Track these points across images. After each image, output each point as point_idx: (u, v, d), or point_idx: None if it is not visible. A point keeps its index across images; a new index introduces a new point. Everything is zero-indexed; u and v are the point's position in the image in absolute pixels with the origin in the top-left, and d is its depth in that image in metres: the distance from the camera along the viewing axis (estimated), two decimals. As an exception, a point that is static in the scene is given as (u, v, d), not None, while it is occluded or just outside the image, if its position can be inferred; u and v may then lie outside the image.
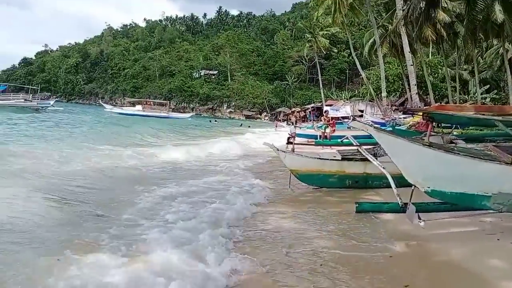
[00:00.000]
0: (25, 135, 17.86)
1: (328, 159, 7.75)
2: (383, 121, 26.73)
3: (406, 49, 23.20)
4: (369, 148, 7.99)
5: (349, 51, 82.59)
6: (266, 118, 79.93)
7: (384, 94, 32.92)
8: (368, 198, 7.09)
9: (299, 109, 66.04)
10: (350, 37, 43.81)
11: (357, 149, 7.72)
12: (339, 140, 10.10)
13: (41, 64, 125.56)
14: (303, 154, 8.23)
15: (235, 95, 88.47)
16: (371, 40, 35.51)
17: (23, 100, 40.25)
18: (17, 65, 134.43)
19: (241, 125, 46.78)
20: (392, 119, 26.70)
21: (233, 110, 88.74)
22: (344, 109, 24.05)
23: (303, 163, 7.56)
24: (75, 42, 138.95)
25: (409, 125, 18.07)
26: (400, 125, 24.46)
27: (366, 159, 6.95)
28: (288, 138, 10.31)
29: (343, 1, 32.54)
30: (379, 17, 34.82)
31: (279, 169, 10.10)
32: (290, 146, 9.52)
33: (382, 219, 5.75)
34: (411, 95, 41.64)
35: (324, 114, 19.25)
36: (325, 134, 17.45)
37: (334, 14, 33.53)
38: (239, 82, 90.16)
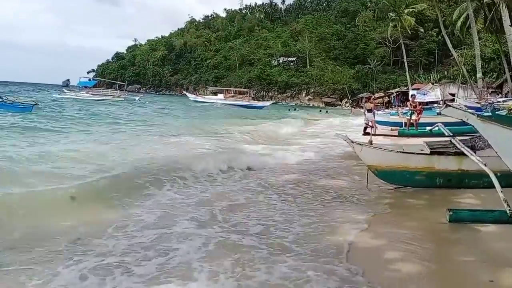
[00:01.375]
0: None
1: (414, 153, 6.60)
2: (478, 105, 24.06)
3: (507, 22, 20.29)
4: (465, 139, 6.88)
5: (437, 29, 76.43)
6: (347, 104, 77.17)
7: (479, 75, 29.52)
8: (464, 202, 5.92)
9: (382, 94, 62.74)
10: (439, 12, 39.87)
11: (450, 141, 6.53)
12: (427, 129, 8.49)
13: (132, 58, 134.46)
14: (383, 147, 7.13)
15: (314, 81, 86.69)
16: (464, 15, 31.98)
17: (111, 96, 43.80)
18: (111, 59, 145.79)
19: (320, 111, 46.81)
20: (489, 103, 23.91)
21: (312, 97, 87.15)
22: (433, 93, 21.71)
23: (383, 157, 6.51)
24: (161, 36, 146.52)
25: (511, 110, 15.81)
26: (498, 110, 21.80)
27: (461, 153, 5.98)
28: (365, 128, 8.62)
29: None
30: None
31: (355, 164, 9.05)
32: (368, 137, 8.09)
33: (485, 232, 4.48)
34: (511, 76, 37.15)
35: (410, 99, 17.23)
36: (411, 121, 15.81)
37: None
38: (318, 67, 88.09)
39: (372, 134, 7.55)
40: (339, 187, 7.36)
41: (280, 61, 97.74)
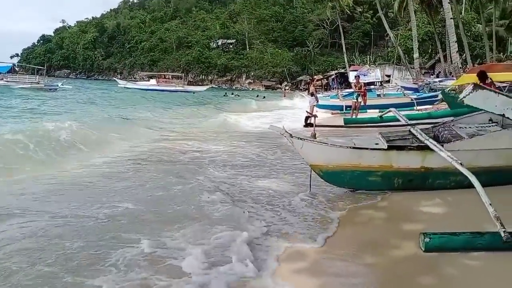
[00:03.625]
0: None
1: (367, 148, 5.13)
2: (415, 86, 24.12)
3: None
4: (427, 129, 5.64)
5: (372, 11, 78.39)
6: (287, 87, 77.03)
7: (416, 55, 29.83)
8: (433, 212, 4.59)
9: (321, 77, 63.05)
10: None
11: (409, 130, 5.39)
12: (377, 115, 6.95)
13: (59, 41, 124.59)
14: (329, 141, 5.51)
15: (254, 64, 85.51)
16: (400, -5, 32.10)
17: (29, 83, 38.93)
18: (36, 43, 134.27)
19: (257, 96, 44.59)
20: (426, 84, 24.04)
21: (252, 81, 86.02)
22: (373, 74, 21.30)
23: (329, 154, 5.12)
24: (92, 17, 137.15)
25: (451, 89, 15.53)
26: (435, 90, 21.86)
27: (425, 147, 4.82)
28: (307, 118, 6.40)
29: None
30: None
31: (295, 162, 7.47)
32: (311, 129, 5.96)
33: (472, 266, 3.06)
34: (445, 56, 38.30)
35: (355, 80, 16.23)
36: (356, 104, 14.89)
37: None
38: (258, 50, 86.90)
39: (316, 125, 5.32)
40: (272, 190, 5.87)
41: (219, 44, 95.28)
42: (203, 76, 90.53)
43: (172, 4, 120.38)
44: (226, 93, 48.49)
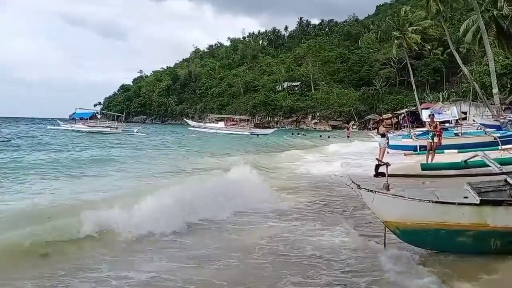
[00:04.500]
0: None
1: (454, 203, 4.23)
2: (497, 123, 22.16)
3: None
4: None
5: (442, 48, 75.54)
6: (354, 127, 75.42)
7: (495, 90, 27.57)
8: None
9: (390, 115, 61.00)
10: (446, 28, 38.41)
11: (505, 180, 4.53)
12: (460, 160, 5.96)
13: (137, 89, 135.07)
14: (407, 192, 4.59)
15: (319, 105, 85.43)
16: (474, 27, 30.47)
17: (108, 128, 42.30)
18: (117, 92, 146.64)
19: (320, 136, 43.94)
20: (509, 121, 22.02)
21: (318, 121, 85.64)
22: (449, 111, 19.80)
23: (408, 209, 4.30)
24: (167, 66, 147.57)
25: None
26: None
27: None
28: (377, 166, 5.41)
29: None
30: (481, 0, 29.79)
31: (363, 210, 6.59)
32: (383, 179, 4.74)
33: None
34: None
35: (429, 119, 15.06)
36: (432, 144, 13.72)
37: (428, 2, 29.26)
38: (323, 91, 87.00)
39: (389, 174, 4.33)
40: (333, 249, 5.02)
41: (285, 86, 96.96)
42: (269, 118, 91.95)
43: (240, 51, 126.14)
44: (292, 132, 48.60)
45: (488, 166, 4.98)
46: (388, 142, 15.09)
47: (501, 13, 27.82)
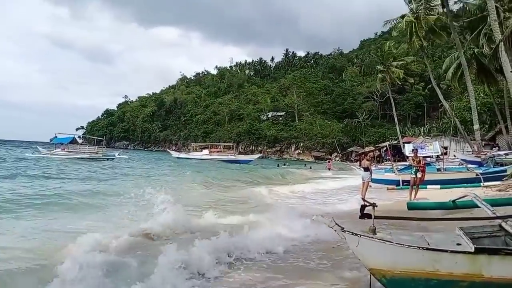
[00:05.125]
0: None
1: (447, 251, 3.81)
2: (478, 159, 22.35)
3: (507, 68, 18.95)
4: None
5: (423, 83, 77.74)
6: (337, 158, 75.88)
7: (476, 126, 27.95)
8: None
9: (372, 148, 61.60)
10: (429, 64, 39.46)
11: (500, 225, 4.20)
12: (449, 200, 5.26)
13: (121, 114, 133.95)
14: (394, 238, 4.07)
15: (303, 135, 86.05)
16: (455, 64, 31.32)
17: (88, 153, 40.95)
18: (100, 116, 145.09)
19: (305, 165, 45.42)
20: (490, 157, 22.23)
21: (301, 151, 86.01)
22: (431, 147, 19.86)
23: (395, 256, 3.88)
24: (152, 92, 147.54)
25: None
26: (501, 164, 20.06)
27: None
28: (363, 207, 4.51)
29: (421, 20, 29.11)
30: (462, 39, 30.84)
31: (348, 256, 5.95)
32: (370, 221, 4.23)
33: None
34: (506, 127, 36.07)
35: (412, 154, 15.07)
36: (415, 180, 13.58)
37: (411, 38, 30.05)
38: (307, 122, 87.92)
39: (376, 217, 4.17)
40: None
41: (269, 116, 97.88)
42: (253, 147, 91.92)
43: (226, 80, 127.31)
44: (278, 164, 48.69)
45: (479, 207, 4.60)
46: (371, 176, 14.86)
47: (482, 51, 28.71)
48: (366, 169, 14.61)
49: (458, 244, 3.95)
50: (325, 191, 18.85)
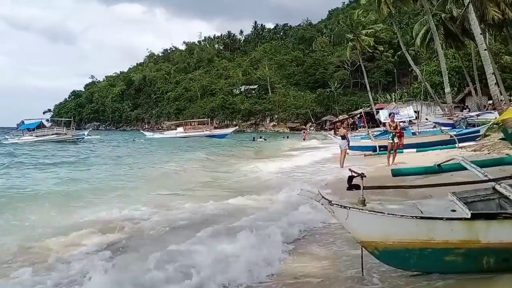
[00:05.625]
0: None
1: (441, 218, 3.61)
2: (450, 121, 22.80)
3: (477, 30, 18.98)
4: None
5: (392, 51, 78.40)
6: (312, 128, 76.41)
7: (447, 89, 28.42)
8: None
9: (346, 116, 62.24)
10: (398, 30, 39.56)
11: (493, 188, 4.03)
12: (433, 164, 4.99)
13: (89, 95, 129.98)
14: (385, 209, 3.83)
15: (277, 107, 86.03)
16: (423, 31, 31.50)
17: (56, 134, 39.71)
18: (68, 98, 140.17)
19: (283, 138, 44.90)
20: (462, 119, 22.72)
21: (276, 123, 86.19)
22: (406, 111, 20.02)
23: (387, 227, 3.69)
24: (120, 71, 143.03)
25: (494, 124, 14.23)
26: (474, 125, 20.51)
27: None
28: (351, 178, 3.98)
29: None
30: (429, 4, 30.91)
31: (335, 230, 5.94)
32: (359, 191, 3.92)
33: None
34: (474, 89, 36.99)
35: (390, 118, 15.03)
36: (393, 145, 13.56)
37: (379, 5, 29.86)
38: (280, 94, 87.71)
39: (364, 187, 3.82)
40: (309, 276, 4.33)
41: (242, 90, 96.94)
42: (228, 122, 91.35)
43: (195, 55, 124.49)
44: (254, 137, 47.67)
45: (466, 170, 4.41)
46: (349, 144, 14.85)
47: (449, 16, 28.85)
48: (343, 137, 14.59)
49: (453, 211, 3.78)
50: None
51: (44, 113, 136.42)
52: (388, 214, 3.67)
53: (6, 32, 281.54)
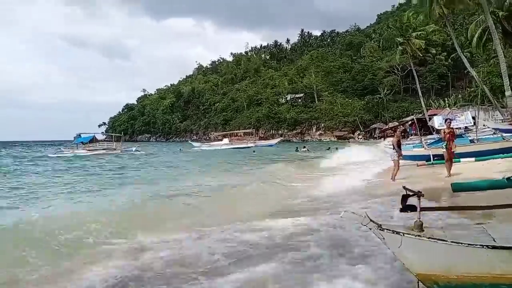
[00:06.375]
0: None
1: None
2: (511, 127, 20.99)
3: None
4: None
5: (445, 53, 74.67)
6: (360, 136, 74.30)
7: (508, 92, 26.24)
8: None
9: (396, 123, 59.95)
10: (452, 31, 37.38)
11: None
12: (501, 177, 4.26)
13: (141, 108, 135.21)
14: (446, 233, 3.15)
15: (323, 116, 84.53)
16: (480, 30, 29.56)
17: (105, 149, 42.20)
18: (121, 111, 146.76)
19: (328, 149, 41.59)
20: (526, 124, 20.84)
21: (323, 132, 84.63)
22: (463, 117, 18.47)
23: (451, 257, 2.99)
24: (170, 84, 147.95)
25: None
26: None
27: None
28: (405, 197, 3.21)
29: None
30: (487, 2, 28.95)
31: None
32: (415, 215, 3.17)
33: None
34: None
35: (446, 125, 13.47)
36: (450, 155, 12.26)
37: (431, 6, 28.37)
38: (327, 102, 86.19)
39: (422, 208, 3.17)
40: None
41: (288, 99, 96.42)
42: (273, 131, 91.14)
43: (242, 65, 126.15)
44: (297, 147, 46.62)
45: None
46: (401, 155, 13.46)
47: (507, 14, 26.86)
48: (397, 145, 13.38)
49: None
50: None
51: (99, 126, 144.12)
52: (451, 241, 2.98)
53: (66, 50, 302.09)
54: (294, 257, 5.24)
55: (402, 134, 47.85)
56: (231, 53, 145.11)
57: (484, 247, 2.90)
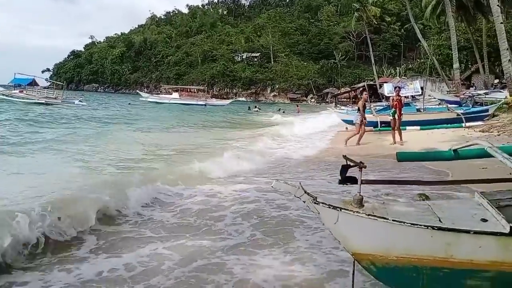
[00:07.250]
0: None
1: (468, 231, 2.48)
2: (457, 99, 21.79)
3: (494, 1, 17.58)
4: None
5: (399, 23, 75.97)
6: (313, 100, 75.20)
7: (456, 65, 27.13)
8: None
9: (348, 89, 61.05)
10: (408, 0, 37.72)
11: None
12: (448, 148, 3.64)
13: (89, 56, 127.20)
14: (390, 210, 2.71)
15: (279, 77, 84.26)
16: (434, 2, 29.92)
17: (46, 98, 37.68)
18: (67, 58, 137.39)
19: (279, 110, 42.19)
20: (469, 97, 21.71)
21: (277, 94, 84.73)
22: (412, 86, 18.81)
23: (391, 237, 2.63)
24: (121, 33, 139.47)
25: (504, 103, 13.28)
26: (481, 103, 19.57)
27: None
28: (345, 167, 2.78)
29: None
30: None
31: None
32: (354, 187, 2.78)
33: None
34: (482, 66, 35.64)
35: (394, 92, 13.74)
36: (396, 122, 12.35)
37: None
38: (283, 63, 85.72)
39: (363, 181, 2.73)
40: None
41: (244, 57, 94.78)
42: (228, 90, 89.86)
43: (198, 19, 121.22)
44: (249, 106, 47.02)
45: (487, 155, 3.18)
46: (364, 119, 13.05)
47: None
48: (361, 108, 12.90)
49: (484, 220, 2.65)
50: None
51: (43, 72, 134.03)
52: (393, 220, 2.61)
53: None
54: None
55: (353, 100, 48.85)
56: (187, 5, 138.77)
57: (429, 228, 2.56)
